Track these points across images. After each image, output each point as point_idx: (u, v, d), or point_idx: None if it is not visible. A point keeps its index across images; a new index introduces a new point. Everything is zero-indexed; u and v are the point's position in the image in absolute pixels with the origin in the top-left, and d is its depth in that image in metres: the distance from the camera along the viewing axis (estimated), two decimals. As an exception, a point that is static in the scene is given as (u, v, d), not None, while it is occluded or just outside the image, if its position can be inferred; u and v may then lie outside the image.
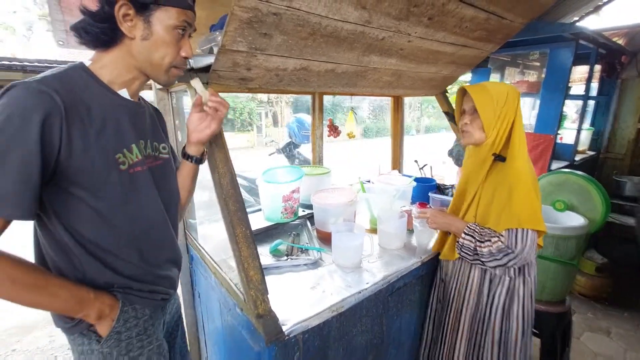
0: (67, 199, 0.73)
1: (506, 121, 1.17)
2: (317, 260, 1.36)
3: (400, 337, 1.38)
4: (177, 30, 0.81)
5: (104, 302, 0.78)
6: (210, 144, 1.08)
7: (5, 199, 0.62)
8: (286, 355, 0.97)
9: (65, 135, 0.68)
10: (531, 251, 1.10)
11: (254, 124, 15.40)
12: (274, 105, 17.85)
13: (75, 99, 0.71)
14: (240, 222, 1.02)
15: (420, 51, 1.48)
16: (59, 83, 0.70)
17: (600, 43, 2.63)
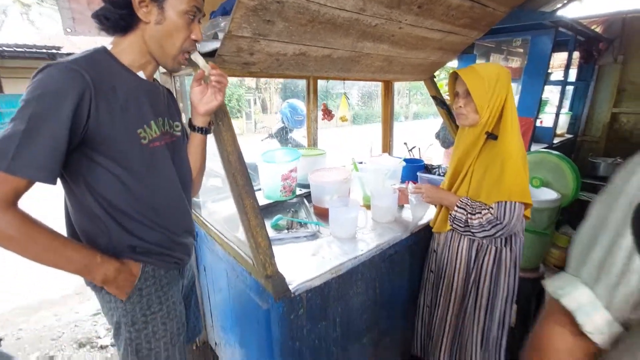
0: (95, 169, 0.82)
1: (498, 101, 1.23)
2: (316, 232, 1.48)
3: (392, 300, 1.52)
4: (188, 15, 0.88)
5: (109, 267, 0.83)
6: (218, 124, 1.17)
7: (34, 163, 0.69)
8: (292, 310, 1.09)
9: (94, 109, 0.77)
10: (517, 222, 1.19)
11: (243, 110, 15.27)
12: (262, 91, 17.68)
13: (102, 78, 0.79)
14: (248, 194, 1.12)
15: (410, 37, 1.58)
16: (88, 64, 0.78)
17: (579, 30, 2.77)
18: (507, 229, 1.19)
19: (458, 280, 1.40)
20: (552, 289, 0.51)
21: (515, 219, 1.18)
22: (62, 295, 2.56)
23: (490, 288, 1.33)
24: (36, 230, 0.72)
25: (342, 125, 17.20)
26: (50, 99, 0.70)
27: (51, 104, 0.70)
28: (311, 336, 1.18)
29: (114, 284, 0.86)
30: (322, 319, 1.21)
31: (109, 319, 0.96)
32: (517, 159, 1.19)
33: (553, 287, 0.51)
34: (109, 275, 0.83)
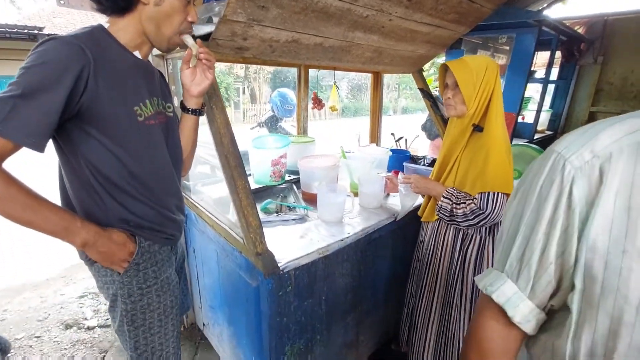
0: (91, 142, 0.84)
1: (485, 93, 1.26)
2: (304, 216, 1.53)
3: (376, 282, 1.59)
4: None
5: (89, 230, 0.84)
6: (212, 108, 1.19)
7: (24, 129, 0.71)
8: (280, 287, 1.14)
9: (93, 84, 0.79)
10: (500, 212, 1.21)
11: (231, 99, 15.08)
12: (251, 81, 17.47)
13: (102, 55, 0.81)
14: (240, 175, 1.16)
15: (399, 30, 1.63)
16: (89, 40, 0.80)
17: (561, 30, 2.87)
18: (490, 218, 1.23)
19: (443, 269, 1.45)
20: (483, 285, 0.55)
21: (498, 209, 1.21)
22: (47, 278, 2.55)
23: (474, 276, 1.39)
24: (17, 188, 0.73)
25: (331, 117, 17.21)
26: (51, 69, 0.72)
27: (51, 74, 0.72)
28: (298, 312, 1.24)
29: (94, 248, 0.86)
30: (309, 296, 1.27)
31: (105, 292, 0.99)
32: (501, 151, 1.23)
33: (483, 284, 0.55)
34: (88, 238, 0.84)
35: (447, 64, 1.33)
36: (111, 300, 0.98)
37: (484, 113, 1.30)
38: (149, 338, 1.00)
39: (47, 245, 3.02)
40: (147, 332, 0.99)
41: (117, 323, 0.99)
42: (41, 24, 10.35)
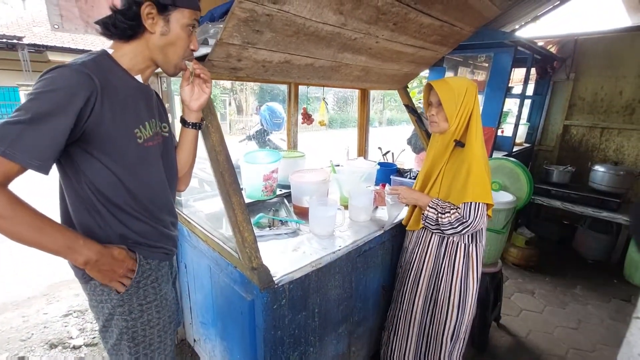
0: (93, 163, 0.87)
1: (466, 111, 1.37)
2: (296, 230, 1.56)
3: (366, 293, 1.63)
4: (189, 27, 0.96)
5: (91, 249, 0.85)
6: (207, 126, 1.23)
7: (31, 152, 0.73)
8: (275, 300, 1.17)
9: (98, 109, 0.82)
10: (481, 220, 1.32)
11: (218, 111, 15.04)
12: (238, 93, 17.50)
13: (106, 80, 0.85)
14: (235, 192, 1.19)
15: (386, 51, 1.72)
16: (96, 67, 0.83)
17: (535, 50, 3.05)
18: (472, 226, 1.32)
19: (425, 276, 1.53)
20: None
21: (479, 218, 1.31)
22: (28, 296, 2.47)
23: (462, 283, 1.46)
24: (22, 209, 0.75)
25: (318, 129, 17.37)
26: (61, 96, 0.75)
27: (61, 100, 0.75)
28: (292, 325, 1.27)
29: (96, 267, 0.87)
30: (302, 309, 1.29)
31: (99, 311, 1.00)
32: (481, 165, 1.32)
33: None
34: (90, 257, 0.85)
35: (431, 83, 1.44)
36: (105, 320, 0.99)
37: (464, 130, 1.40)
38: (149, 355, 1.01)
39: (27, 263, 2.94)
40: (147, 349, 1.00)
41: (113, 341, 0.99)
42: (20, 33, 10.17)
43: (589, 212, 3.00)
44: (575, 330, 2.31)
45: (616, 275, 3.05)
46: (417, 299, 1.56)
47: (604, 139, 3.65)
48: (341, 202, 1.95)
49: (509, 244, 3.17)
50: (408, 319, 1.60)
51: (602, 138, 3.66)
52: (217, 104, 15.05)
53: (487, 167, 1.36)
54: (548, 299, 2.66)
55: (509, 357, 2.04)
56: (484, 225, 1.46)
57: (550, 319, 2.41)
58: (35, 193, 4.44)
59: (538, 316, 2.44)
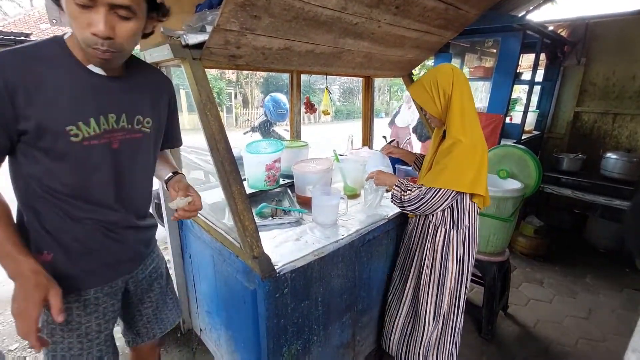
0: (30, 161, 0.84)
1: (443, 100, 1.35)
2: (299, 219, 1.55)
3: (370, 282, 1.62)
4: (75, 4, 0.73)
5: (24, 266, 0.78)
6: (206, 114, 1.22)
7: None
8: (277, 289, 1.16)
9: (11, 105, 0.77)
10: (441, 201, 1.32)
11: (223, 104, 15.05)
12: (243, 86, 17.47)
13: (25, 73, 0.78)
14: (235, 180, 1.18)
15: (388, 36, 1.67)
16: (18, 60, 0.78)
17: (545, 33, 2.96)
18: (429, 204, 1.33)
19: (416, 258, 1.55)
20: None
21: (436, 199, 1.31)
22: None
23: (441, 265, 1.47)
24: None
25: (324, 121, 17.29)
26: None
27: None
28: (295, 314, 1.26)
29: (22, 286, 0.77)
30: (305, 298, 1.29)
31: None
32: (464, 153, 1.28)
33: None
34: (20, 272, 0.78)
35: (408, 89, 1.44)
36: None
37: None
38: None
39: None
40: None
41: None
42: (28, 30, 10.25)
43: (601, 200, 2.93)
44: (585, 319, 2.27)
45: (628, 265, 2.99)
46: (409, 283, 1.58)
47: (617, 126, 3.55)
48: (345, 191, 1.93)
49: (517, 233, 3.12)
50: (399, 302, 1.63)
51: (615, 124, 3.56)
52: (223, 97, 15.04)
53: (473, 154, 1.29)
54: (557, 288, 2.62)
55: (516, 346, 2.02)
56: (469, 213, 1.43)
57: (560, 309, 2.37)
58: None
59: (547, 306, 2.41)
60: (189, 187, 1.06)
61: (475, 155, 1.30)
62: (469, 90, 1.36)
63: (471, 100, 1.36)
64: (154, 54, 1.41)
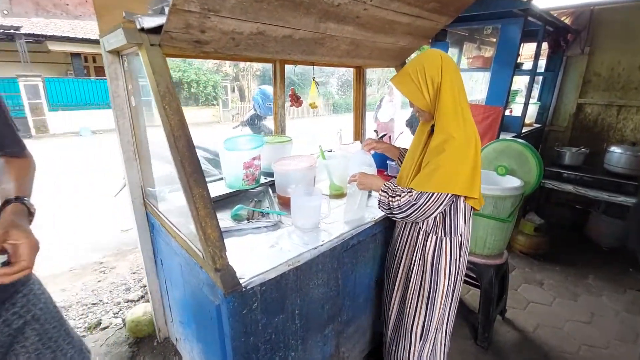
0: None
1: (432, 89, 1.17)
2: (277, 222, 1.42)
3: (355, 290, 1.49)
4: None
5: None
6: (164, 108, 1.07)
7: None
8: (244, 305, 1.04)
9: None
10: (434, 207, 1.16)
11: (219, 98, 14.84)
12: (240, 79, 17.24)
13: None
14: (197, 183, 1.04)
15: (376, 20, 1.52)
16: None
17: (548, 20, 2.79)
18: (422, 211, 1.17)
19: (403, 266, 1.41)
20: None
21: (432, 204, 1.15)
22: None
23: (431, 279, 1.32)
24: None
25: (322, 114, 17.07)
26: None
27: None
28: (268, 330, 1.14)
29: None
30: (280, 312, 1.16)
31: None
32: (458, 151, 1.13)
33: None
34: None
35: (391, 80, 1.28)
36: None
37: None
38: None
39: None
40: None
41: None
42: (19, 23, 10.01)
43: (604, 196, 2.80)
44: (587, 324, 2.15)
45: (631, 264, 2.86)
46: (396, 291, 1.46)
47: (621, 118, 3.40)
48: (331, 190, 1.79)
49: (517, 232, 2.99)
50: (387, 311, 1.51)
51: (619, 117, 3.41)
52: (219, 91, 14.82)
53: (466, 152, 1.14)
54: (558, 290, 2.49)
55: (514, 354, 1.90)
56: (464, 218, 1.29)
57: (560, 312, 2.25)
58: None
59: (547, 309, 2.28)
60: (12, 230, 0.72)
61: (469, 152, 1.15)
62: (460, 79, 1.20)
63: (462, 90, 1.20)
64: (111, 41, 1.26)
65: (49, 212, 4.17)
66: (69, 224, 3.82)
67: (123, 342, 1.89)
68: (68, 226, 3.77)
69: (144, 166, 1.57)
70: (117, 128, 1.49)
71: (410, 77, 1.20)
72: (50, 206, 4.40)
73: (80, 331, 2.00)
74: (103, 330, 1.99)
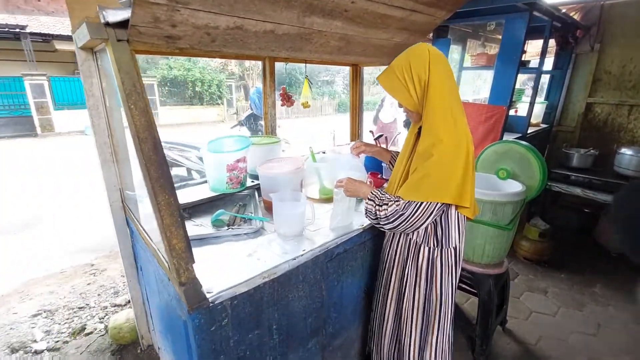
0: None
1: (419, 88, 1.08)
2: (259, 229, 1.34)
3: (342, 301, 1.41)
4: None
5: None
6: (130, 108, 1.00)
7: None
8: (212, 321, 0.96)
9: None
10: (424, 218, 1.07)
11: (224, 97, 14.81)
12: (245, 78, 17.22)
13: None
14: (163, 189, 0.96)
15: (366, 14, 1.43)
16: None
17: (555, 16, 2.66)
18: (410, 222, 1.08)
19: (395, 278, 1.32)
20: None
21: (421, 214, 1.06)
22: (1, 294, 2.36)
23: (426, 289, 1.24)
24: None
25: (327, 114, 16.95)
26: None
27: None
28: (241, 347, 1.06)
29: None
30: (255, 327, 1.08)
31: None
32: (446, 153, 1.03)
33: None
34: None
35: (377, 78, 1.18)
36: None
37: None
38: None
39: (4, 258, 2.86)
40: None
41: None
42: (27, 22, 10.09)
43: (614, 200, 2.66)
44: (593, 336, 2.03)
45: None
46: (389, 303, 1.36)
47: (633, 118, 3.25)
48: (320, 194, 1.71)
49: (521, 237, 2.87)
50: (382, 322, 1.41)
51: (631, 117, 3.26)
52: (223, 90, 14.80)
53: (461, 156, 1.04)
54: (563, 299, 2.37)
55: (514, 367, 1.80)
56: (457, 228, 1.19)
57: (565, 323, 2.13)
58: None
59: (550, 319, 2.17)
60: None
61: (460, 157, 1.04)
62: (450, 74, 1.10)
63: (454, 88, 1.09)
64: (81, 36, 1.19)
65: (49, 212, 4.16)
66: (68, 224, 3.80)
67: (106, 349, 1.83)
68: (67, 226, 3.74)
69: (122, 169, 1.50)
70: (92, 129, 1.42)
71: (395, 74, 1.10)
72: (51, 206, 4.40)
73: (64, 336, 1.95)
74: (87, 336, 1.94)
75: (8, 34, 9.94)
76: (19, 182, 5.44)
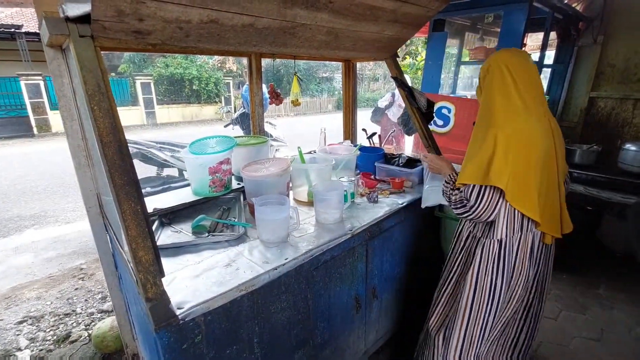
0: None
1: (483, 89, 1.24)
2: (242, 235, 1.27)
3: (331, 309, 1.34)
4: None
5: None
6: (93, 109, 0.92)
7: None
8: (184, 339, 0.89)
9: None
10: (489, 208, 1.11)
11: (222, 95, 14.71)
12: (244, 76, 17.10)
13: None
14: (128, 197, 0.89)
15: (354, 6, 1.35)
16: None
17: (556, 7, 2.57)
18: (474, 212, 1.13)
19: (454, 265, 1.38)
20: None
21: (485, 203, 1.11)
22: (-12, 300, 2.31)
23: (477, 282, 1.24)
24: None
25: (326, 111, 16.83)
26: None
27: None
28: (217, 364, 0.99)
29: None
30: (233, 342, 1.01)
31: None
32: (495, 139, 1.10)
33: None
34: None
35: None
36: None
37: None
38: None
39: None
40: None
41: None
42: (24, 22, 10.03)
43: (618, 198, 2.57)
44: (597, 342, 1.95)
45: (648, 271, 2.63)
46: (445, 287, 1.43)
47: (638, 113, 3.15)
48: (309, 197, 1.63)
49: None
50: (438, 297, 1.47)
51: (635, 111, 3.16)
52: (221, 88, 14.70)
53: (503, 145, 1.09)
54: (565, 301, 2.29)
55: (514, 375, 1.72)
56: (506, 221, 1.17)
57: (567, 328, 2.05)
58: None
59: (552, 323, 2.09)
60: None
61: (508, 141, 1.08)
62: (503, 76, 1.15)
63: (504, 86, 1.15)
64: (44, 32, 1.11)
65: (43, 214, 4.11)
66: (61, 226, 3.75)
67: (90, 358, 1.77)
68: (60, 228, 3.69)
69: (98, 172, 1.43)
70: (65, 131, 1.35)
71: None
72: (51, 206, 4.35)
73: (49, 344, 1.89)
74: (71, 344, 1.88)
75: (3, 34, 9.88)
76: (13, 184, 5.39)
